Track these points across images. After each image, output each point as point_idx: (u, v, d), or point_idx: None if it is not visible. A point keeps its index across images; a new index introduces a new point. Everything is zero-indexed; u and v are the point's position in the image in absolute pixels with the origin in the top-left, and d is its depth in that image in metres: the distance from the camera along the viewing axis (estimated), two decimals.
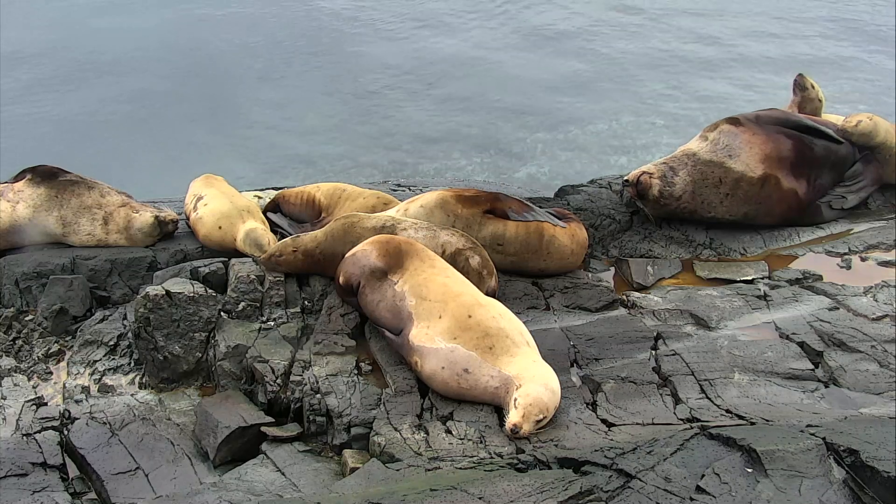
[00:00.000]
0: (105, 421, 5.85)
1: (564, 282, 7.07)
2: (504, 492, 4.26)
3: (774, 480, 4.23)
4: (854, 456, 4.32)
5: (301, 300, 6.70)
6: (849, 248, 7.59)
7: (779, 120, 8.24)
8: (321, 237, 6.79)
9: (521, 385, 5.23)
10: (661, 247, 7.93)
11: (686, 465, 4.44)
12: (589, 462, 4.55)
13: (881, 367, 5.94)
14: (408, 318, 5.83)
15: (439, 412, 5.48)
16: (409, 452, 5.09)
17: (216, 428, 5.61)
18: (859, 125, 8.35)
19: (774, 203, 7.91)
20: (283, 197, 8.21)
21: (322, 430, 5.66)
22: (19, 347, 6.68)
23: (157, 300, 6.37)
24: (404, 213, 7.12)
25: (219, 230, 7.47)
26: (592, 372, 5.93)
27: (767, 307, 6.72)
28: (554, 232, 7.08)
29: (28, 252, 7.45)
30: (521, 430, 5.11)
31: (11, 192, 7.57)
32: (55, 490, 5.24)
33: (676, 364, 5.97)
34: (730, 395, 5.64)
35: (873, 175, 8.47)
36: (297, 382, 5.89)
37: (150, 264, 7.30)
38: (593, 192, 8.46)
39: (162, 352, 6.30)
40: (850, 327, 6.34)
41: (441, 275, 5.97)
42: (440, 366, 5.52)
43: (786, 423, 4.98)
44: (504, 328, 5.56)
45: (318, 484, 5.14)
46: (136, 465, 5.51)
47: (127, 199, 7.71)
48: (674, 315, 6.66)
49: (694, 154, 7.97)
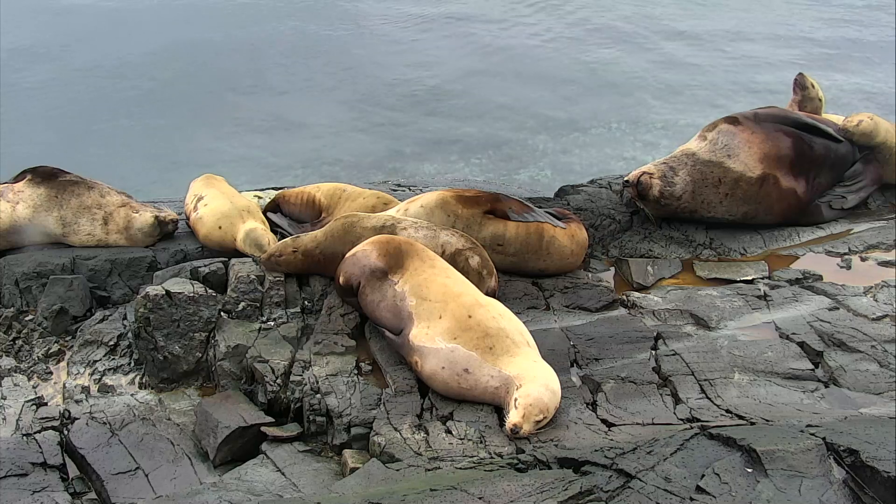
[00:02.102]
0: (105, 421, 5.84)
1: (564, 282, 7.07)
2: (504, 492, 4.26)
3: (774, 480, 4.22)
4: (854, 456, 4.31)
5: (301, 300, 6.70)
6: (849, 248, 7.58)
7: (778, 118, 8.23)
8: (321, 237, 6.78)
9: (522, 385, 5.23)
10: (661, 247, 7.92)
11: (686, 465, 4.43)
12: (589, 462, 4.55)
13: (881, 367, 5.94)
14: (408, 318, 5.83)
15: (439, 412, 5.48)
16: (409, 452, 5.09)
17: (216, 428, 5.61)
18: (860, 125, 8.34)
19: (774, 202, 7.91)
20: (283, 197, 8.21)
21: (322, 430, 5.66)
22: (19, 347, 6.67)
23: (157, 300, 6.37)
24: (404, 213, 7.12)
25: (219, 230, 7.47)
26: (592, 372, 5.93)
27: (767, 307, 6.72)
28: (554, 232, 7.08)
29: (28, 252, 7.45)
30: (521, 430, 5.11)
31: (11, 192, 7.57)
32: (55, 490, 5.23)
33: (676, 364, 5.97)
34: (730, 395, 5.64)
35: (873, 175, 8.47)
36: (297, 382, 5.89)
37: (150, 264, 7.30)
38: (593, 192, 8.46)
39: (162, 352, 6.30)
40: (850, 327, 6.34)
41: (441, 275, 5.97)
42: (440, 366, 5.52)
43: (786, 423, 4.97)
44: (504, 328, 5.56)
45: (318, 484, 5.14)
46: (136, 465, 5.50)
47: (127, 199, 7.72)
48: (674, 315, 6.65)
49: (693, 154, 7.97)
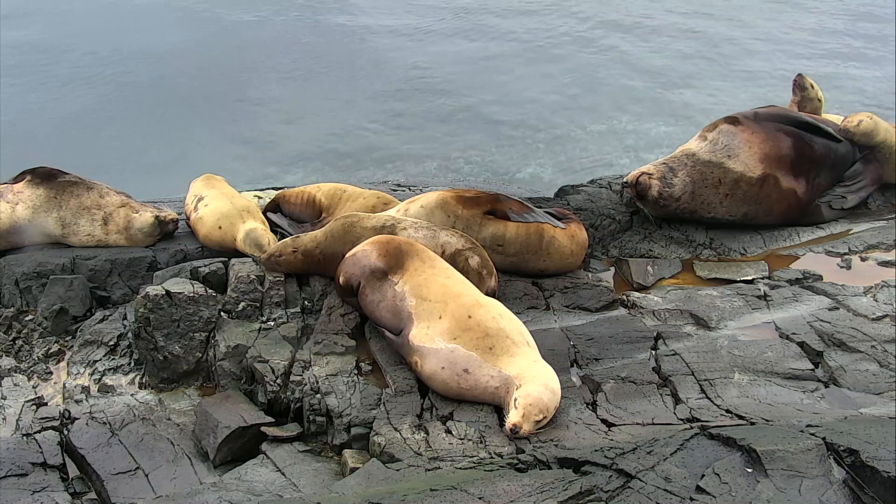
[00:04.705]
0: (105, 421, 5.84)
1: (564, 282, 7.07)
2: (504, 492, 4.26)
3: (774, 480, 4.22)
4: (854, 456, 4.31)
5: (301, 300, 6.70)
6: (849, 248, 7.59)
7: (778, 117, 8.23)
8: (321, 237, 6.78)
9: (521, 385, 5.23)
10: (661, 247, 7.92)
11: (686, 465, 4.43)
12: (589, 462, 4.55)
13: (881, 367, 5.94)
14: (408, 319, 5.82)
15: (439, 412, 5.48)
16: (409, 452, 5.09)
17: (216, 428, 5.61)
18: (860, 125, 8.34)
19: (774, 202, 7.90)
20: (283, 197, 8.21)
21: (322, 430, 5.65)
22: (19, 347, 6.67)
23: (157, 300, 6.37)
24: (404, 214, 7.12)
25: (219, 230, 7.48)
26: (592, 372, 5.93)
27: (767, 307, 6.72)
28: (554, 233, 7.08)
29: (28, 252, 7.45)
30: (521, 430, 5.11)
31: (11, 193, 7.57)
32: (55, 490, 5.23)
33: (676, 364, 5.97)
34: (730, 395, 5.64)
35: (873, 175, 8.47)
36: (297, 382, 5.89)
37: (150, 264, 7.30)
38: (593, 192, 8.46)
39: (162, 352, 6.30)
40: (850, 327, 6.34)
41: (441, 275, 5.97)
42: (440, 366, 5.52)
43: (786, 423, 4.98)
44: (504, 328, 5.55)
45: (318, 484, 5.14)
46: (136, 465, 5.50)
47: (126, 199, 7.72)
48: (674, 315, 6.65)
49: (693, 154, 7.96)
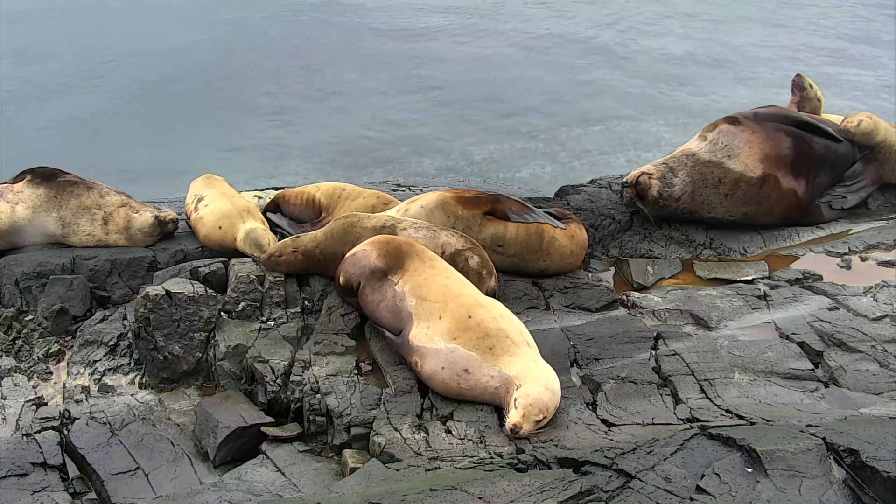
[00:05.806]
0: (105, 421, 5.84)
1: (564, 282, 7.06)
2: (504, 492, 4.26)
3: (774, 480, 4.22)
4: (854, 456, 4.31)
5: (301, 300, 6.70)
6: (849, 248, 7.58)
7: (778, 117, 8.23)
8: (321, 237, 6.78)
9: (521, 385, 5.22)
10: (661, 247, 7.92)
11: (686, 465, 4.43)
12: (589, 462, 4.55)
13: (881, 367, 5.94)
14: (408, 319, 5.82)
15: (439, 412, 5.47)
16: (409, 452, 5.09)
17: (216, 428, 5.61)
18: (860, 124, 8.34)
19: (774, 203, 7.90)
20: (283, 197, 8.21)
21: (322, 430, 5.65)
22: (19, 347, 6.67)
23: (157, 300, 6.37)
24: (404, 214, 7.12)
25: (219, 230, 7.48)
26: (592, 372, 5.93)
27: (767, 307, 6.72)
28: (554, 233, 7.08)
29: (28, 252, 7.45)
30: (521, 430, 5.11)
31: (11, 192, 7.57)
32: (55, 490, 5.23)
33: (676, 364, 5.97)
34: (730, 395, 5.63)
35: (873, 175, 8.47)
36: (297, 382, 5.89)
37: (150, 264, 7.30)
38: (593, 191, 8.46)
39: (162, 352, 6.30)
40: (850, 327, 6.34)
41: (441, 275, 5.97)
42: (440, 366, 5.52)
43: (786, 423, 4.97)
44: (504, 328, 5.55)
45: (318, 484, 5.14)
46: (136, 465, 5.50)
47: (126, 199, 7.72)
48: (674, 315, 6.65)
49: (693, 154, 7.96)
